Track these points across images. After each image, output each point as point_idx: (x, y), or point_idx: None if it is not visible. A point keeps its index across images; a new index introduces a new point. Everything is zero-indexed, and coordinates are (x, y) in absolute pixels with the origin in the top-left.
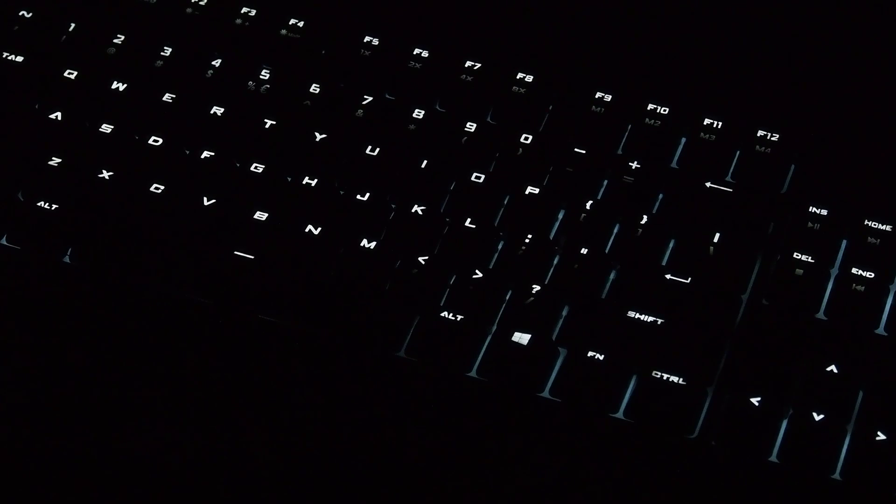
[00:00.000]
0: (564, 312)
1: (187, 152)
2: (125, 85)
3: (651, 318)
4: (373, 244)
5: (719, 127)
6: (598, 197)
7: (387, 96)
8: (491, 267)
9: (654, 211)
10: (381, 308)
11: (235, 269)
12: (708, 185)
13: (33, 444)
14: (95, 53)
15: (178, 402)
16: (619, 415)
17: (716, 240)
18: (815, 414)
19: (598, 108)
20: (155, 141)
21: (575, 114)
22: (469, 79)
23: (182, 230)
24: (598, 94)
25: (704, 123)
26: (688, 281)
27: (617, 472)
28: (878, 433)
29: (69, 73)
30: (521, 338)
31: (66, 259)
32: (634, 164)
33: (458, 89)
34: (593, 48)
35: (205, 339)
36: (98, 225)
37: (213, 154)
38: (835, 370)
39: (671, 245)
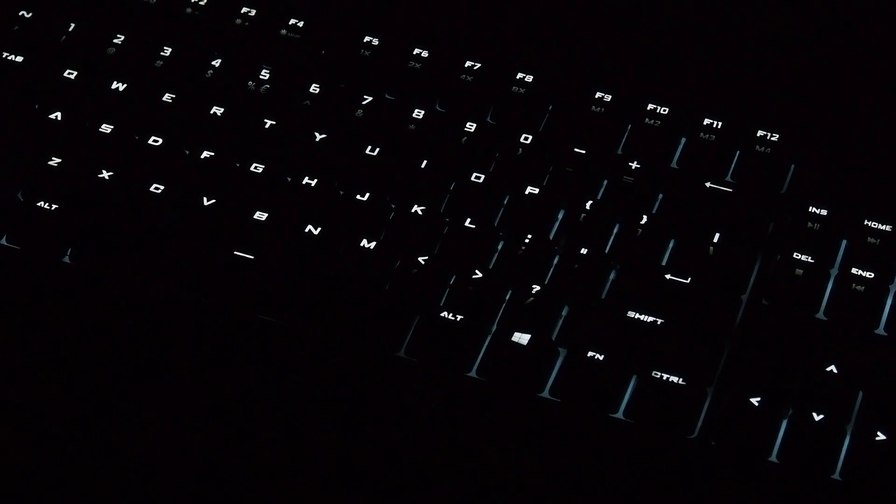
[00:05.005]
0: (564, 312)
1: (187, 152)
2: (125, 85)
3: (651, 318)
4: (373, 244)
5: (719, 127)
6: (598, 197)
7: (387, 96)
8: (491, 267)
9: (654, 211)
10: (381, 308)
11: (235, 269)
12: (708, 185)
13: (33, 443)
14: (95, 53)
15: (178, 402)
16: (619, 415)
17: (716, 240)
18: (814, 414)
19: (598, 108)
20: (155, 141)
21: (575, 114)
22: (469, 79)
23: (182, 230)
24: (598, 94)
25: (704, 123)
26: (688, 281)
27: (617, 472)
28: (878, 433)
29: (69, 73)
30: (521, 338)
31: (66, 259)
32: (634, 164)
33: (458, 89)
34: (593, 48)
35: (205, 339)
36: (98, 225)
37: (213, 154)
38: (835, 370)
39: (671, 245)
